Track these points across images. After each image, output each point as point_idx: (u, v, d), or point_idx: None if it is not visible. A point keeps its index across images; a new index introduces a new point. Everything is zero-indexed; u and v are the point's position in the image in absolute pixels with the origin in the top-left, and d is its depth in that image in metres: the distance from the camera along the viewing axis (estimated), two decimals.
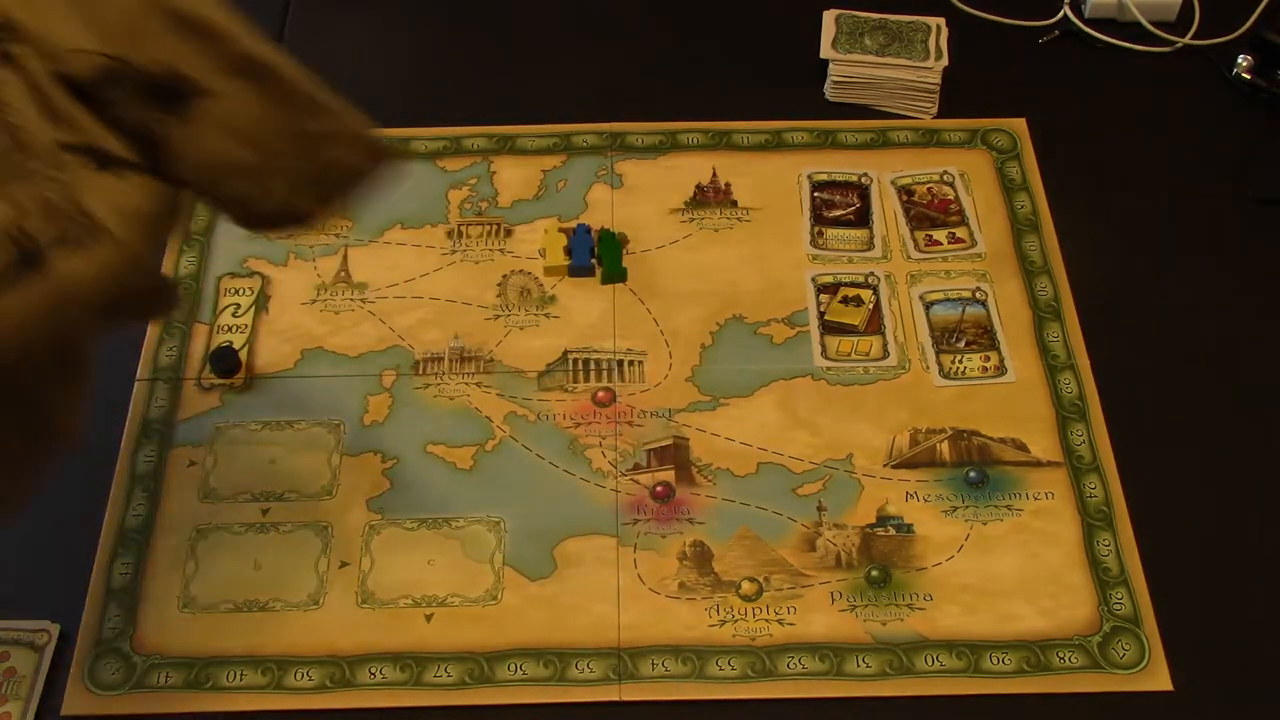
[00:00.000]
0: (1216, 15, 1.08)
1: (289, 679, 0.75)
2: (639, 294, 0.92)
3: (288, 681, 0.75)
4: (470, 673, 0.75)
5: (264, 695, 0.74)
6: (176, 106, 0.42)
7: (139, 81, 0.40)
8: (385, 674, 0.75)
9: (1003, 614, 0.77)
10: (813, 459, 0.84)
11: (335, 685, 0.74)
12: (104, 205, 0.38)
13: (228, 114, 0.42)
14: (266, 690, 0.74)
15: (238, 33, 0.44)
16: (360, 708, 0.74)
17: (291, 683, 0.75)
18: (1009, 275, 0.93)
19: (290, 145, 0.45)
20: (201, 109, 0.41)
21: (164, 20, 0.40)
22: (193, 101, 0.42)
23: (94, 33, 0.38)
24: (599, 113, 1.03)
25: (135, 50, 0.40)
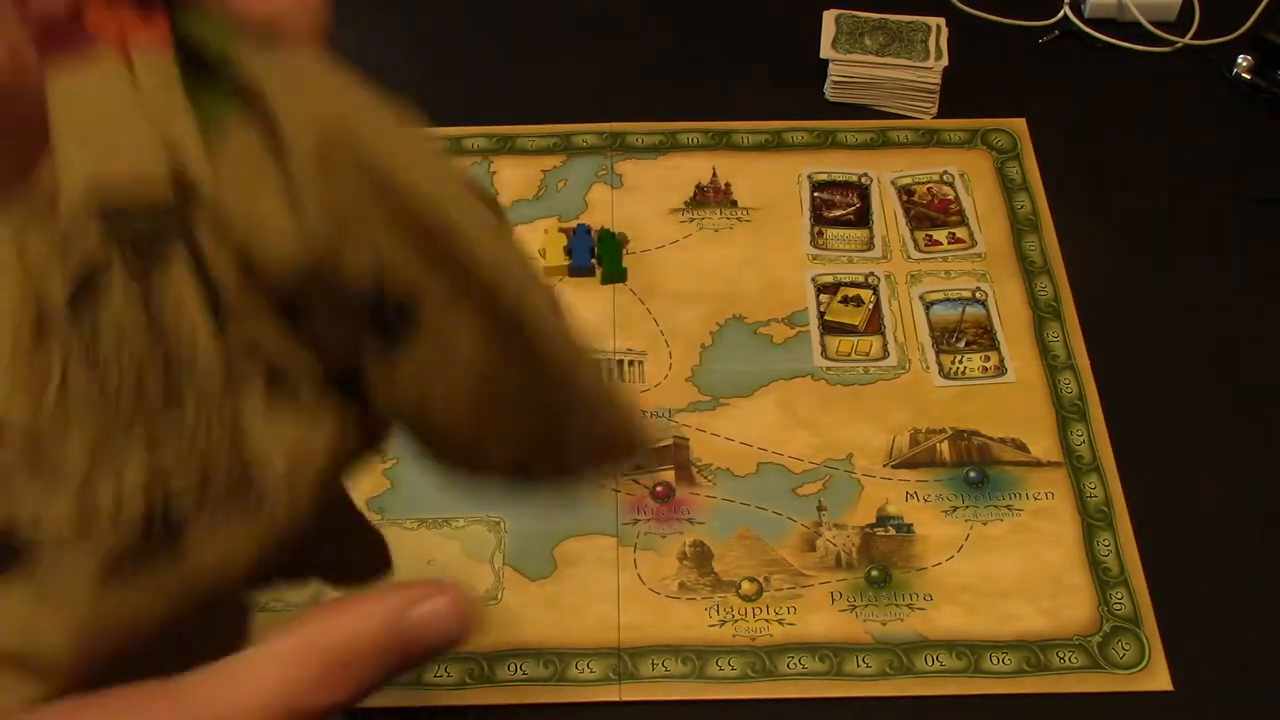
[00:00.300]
0: (1216, 15, 1.08)
1: None
2: (639, 294, 0.92)
3: None
4: (470, 673, 0.75)
5: None
6: (384, 332, 0.31)
7: (345, 292, 0.30)
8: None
9: (1003, 614, 0.77)
10: (813, 459, 0.84)
11: None
12: (276, 451, 0.29)
13: (446, 358, 0.31)
14: None
15: (485, 254, 0.31)
16: (361, 708, 0.74)
17: None
18: (1009, 275, 0.93)
19: (521, 410, 0.32)
20: (414, 344, 0.30)
21: (392, 215, 0.30)
22: (404, 331, 0.31)
23: (297, 214, 0.29)
24: (599, 113, 1.03)
25: (347, 248, 0.30)
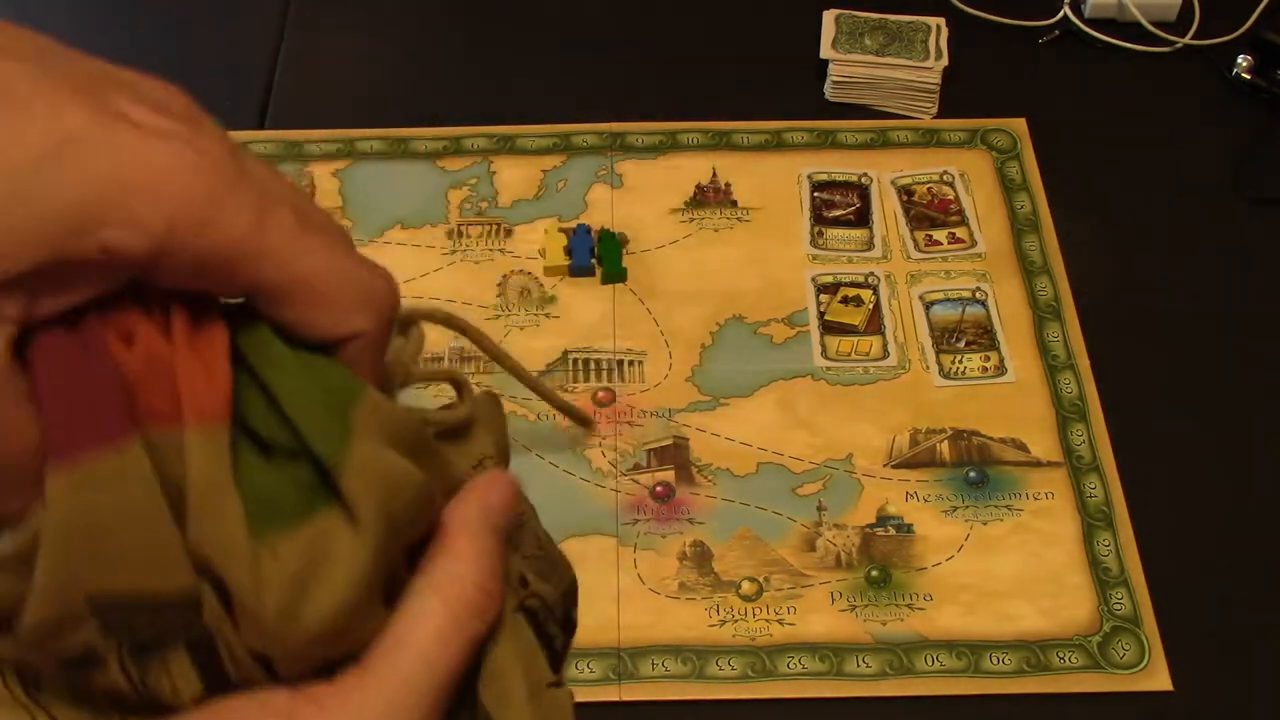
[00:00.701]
0: (1216, 15, 1.08)
1: None
2: (639, 294, 0.92)
3: None
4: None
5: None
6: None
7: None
8: None
9: (1003, 614, 0.77)
10: (813, 459, 0.84)
11: None
12: None
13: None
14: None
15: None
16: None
17: None
18: (1009, 275, 0.93)
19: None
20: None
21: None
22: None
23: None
24: (599, 113, 1.03)
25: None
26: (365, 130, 1.02)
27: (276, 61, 1.08)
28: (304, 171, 0.99)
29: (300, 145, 1.01)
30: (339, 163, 1.00)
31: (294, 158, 1.00)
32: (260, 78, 1.07)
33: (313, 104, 1.05)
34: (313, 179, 0.99)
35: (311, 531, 0.27)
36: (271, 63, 1.08)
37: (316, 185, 0.99)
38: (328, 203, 0.98)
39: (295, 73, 1.07)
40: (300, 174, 0.99)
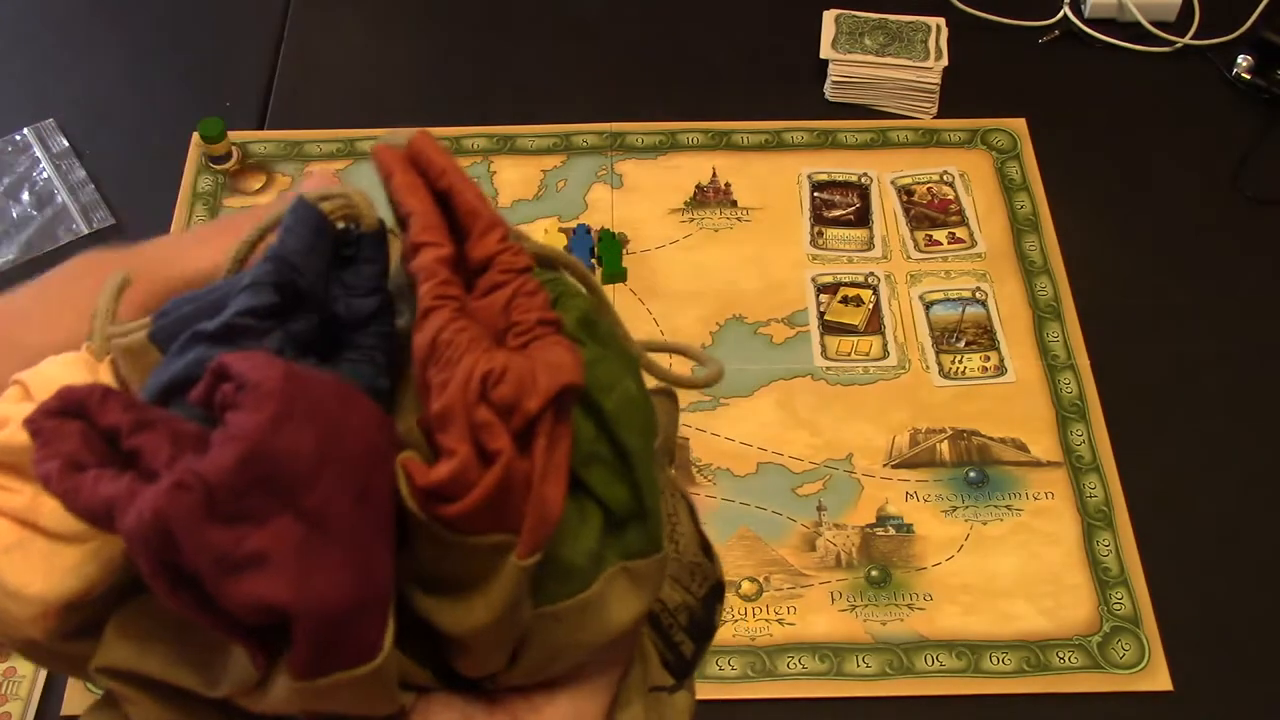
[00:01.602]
0: (1216, 15, 1.08)
1: None
2: (639, 294, 0.92)
3: None
4: None
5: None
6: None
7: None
8: None
9: (1002, 614, 0.77)
10: (813, 459, 0.84)
11: None
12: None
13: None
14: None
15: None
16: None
17: None
18: (1009, 275, 0.93)
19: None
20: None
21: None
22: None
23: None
24: (599, 113, 1.03)
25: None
26: (365, 130, 1.02)
27: (276, 61, 1.08)
28: (304, 171, 0.99)
29: (300, 145, 1.01)
30: (339, 163, 1.00)
31: (294, 158, 1.00)
32: (260, 78, 1.07)
33: (313, 104, 1.05)
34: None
35: (592, 592, 0.28)
36: (271, 63, 1.08)
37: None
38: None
39: (295, 73, 1.07)
40: (300, 174, 0.99)
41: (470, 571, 0.26)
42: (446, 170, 0.28)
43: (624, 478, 0.28)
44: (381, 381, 0.28)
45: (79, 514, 0.23)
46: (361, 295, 0.29)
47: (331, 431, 0.24)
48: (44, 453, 0.24)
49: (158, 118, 1.04)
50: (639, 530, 0.29)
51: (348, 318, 0.28)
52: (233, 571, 0.23)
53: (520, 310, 0.27)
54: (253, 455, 0.23)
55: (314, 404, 0.24)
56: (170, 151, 1.00)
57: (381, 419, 0.26)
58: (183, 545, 0.22)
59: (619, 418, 0.28)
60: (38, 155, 1.00)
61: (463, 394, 0.25)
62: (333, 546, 0.24)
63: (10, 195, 0.98)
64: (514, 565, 0.26)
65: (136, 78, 1.08)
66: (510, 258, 0.27)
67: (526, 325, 0.26)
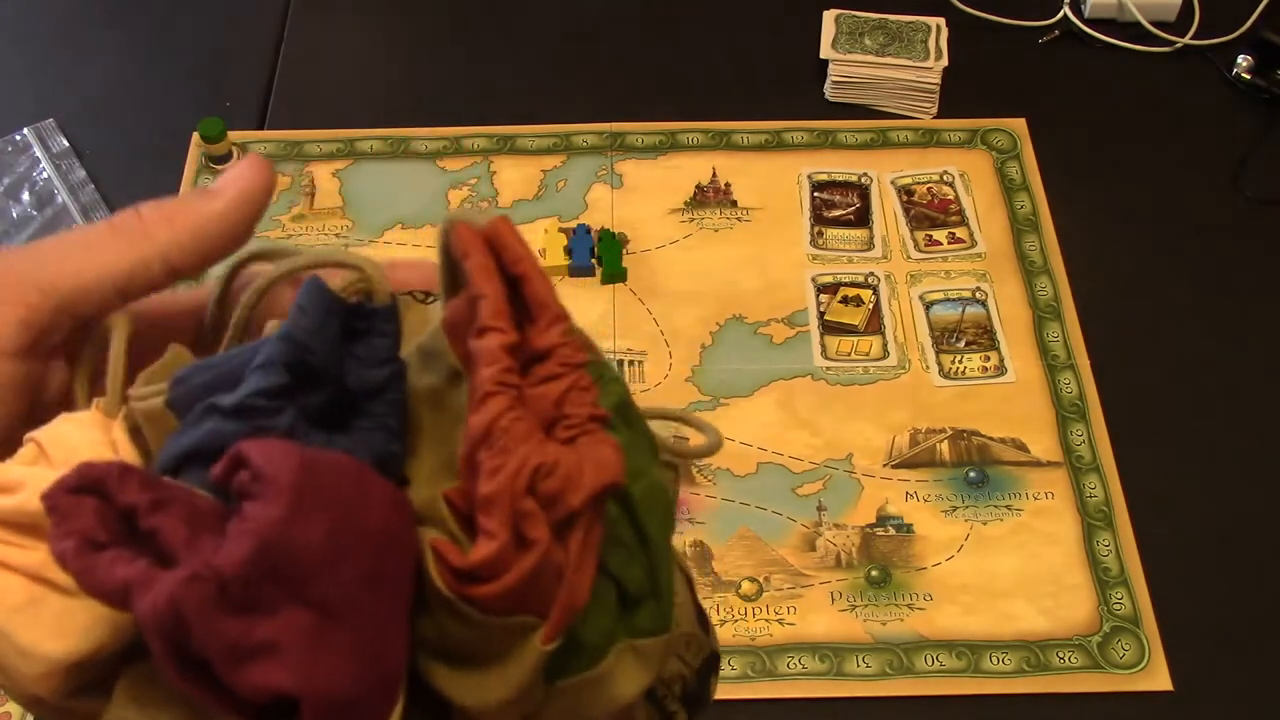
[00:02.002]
0: (1216, 15, 1.08)
1: None
2: (639, 294, 0.92)
3: None
4: None
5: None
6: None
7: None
8: None
9: (1002, 614, 0.77)
10: (813, 459, 0.84)
11: None
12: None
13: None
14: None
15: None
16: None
17: None
18: (1009, 275, 0.93)
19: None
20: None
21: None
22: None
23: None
24: (599, 113, 1.03)
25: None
26: (365, 130, 1.02)
27: (276, 61, 1.08)
28: (304, 171, 0.99)
29: (300, 145, 1.01)
30: (339, 163, 1.00)
31: (294, 158, 1.00)
32: (260, 78, 1.07)
33: (313, 104, 1.05)
34: (313, 179, 0.99)
35: (602, 669, 0.29)
36: (271, 63, 1.08)
37: (317, 185, 0.99)
38: (328, 203, 0.98)
39: (295, 73, 1.07)
40: (300, 174, 0.99)
41: (491, 649, 0.27)
42: (522, 259, 0.29)
43: (641, 561, 0.29)
44: (394, 447, 0.29)
45: (93, 593, 0.24)
46: (374, 366, 0.29)
47: (345, 519, 0.25)
48: (60, 530, 0.24)
49: (158, 118, 1.04)
50: (651, 610, 0.30)
51: (360, 389, 0.29)
52: (243, 659, 0.24)
53: (573, 404, 0.28)
54: (266, 549, 0.23)
55: (328, 493, 0.25)
56: (170, 151, 1.00)
57: (397, 498, 0.27)
58: (195, 633, 0.23)
59: (644, 505, 0.29)
60: (38, 155, 1.00)
61: (512, 483, 0.26)
62: (342, 632, 0.25)
63: (10, 195, 0.99)
64: (536, 648, 0.27)
65: (136, 78, 1.08)
66: (570, 352, 0.28)
67: (578, 420, 0.28)
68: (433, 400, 0.29)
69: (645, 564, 0.29)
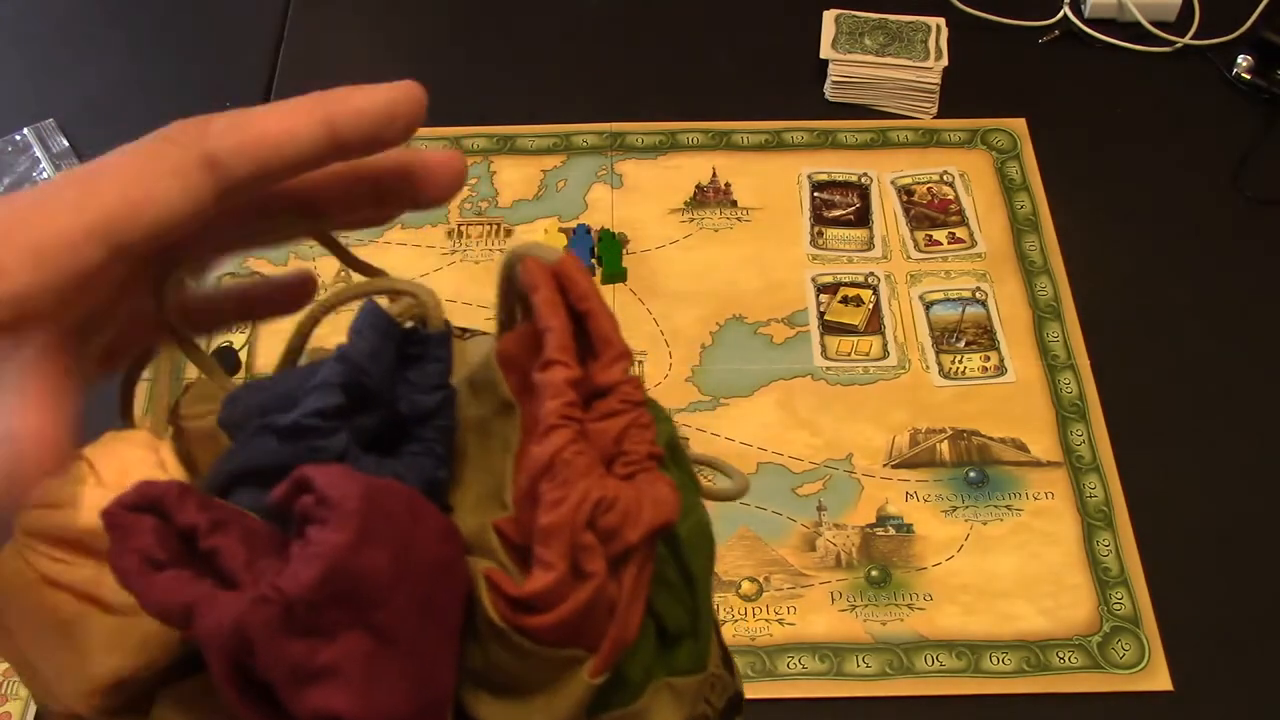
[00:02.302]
0: (1216, 15, 1.08)
1: None
2: (639, 294, 0.92)
3: None
4: None
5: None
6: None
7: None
8: None
9: (1002, 614, 0.77)
10: (813, 459, 0.84)
11: None
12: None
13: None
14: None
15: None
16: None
17: None
18: (1009, 275, 0.93)
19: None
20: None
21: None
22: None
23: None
24: (599, 113, 1.03)
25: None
26: None
27: (276, 61, 1.08)
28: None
29: None
30: None
31: None
32: (260, 77, 1.07)
33: None
34: None
35: (640, 705, 0.29)
36: (271, 63, 1.08)
37: None
38: None
39: (295, 73, 1.07)
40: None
41: (539, 680, 0.27)
42: (588, 295, 0.29)
43: (684, 601, 0.30)
44: (441, 474, 0.29)
45: (154, 612, 0.24)
46: (425, 392, 0.30)
47: (404, 548, 0.25)
48: (120, 547, 0.25)
49: (158, 118, 1.03)
50: (690, 650, 0.30)
51: (411, 413, 0.29)
52: (304, 682, 0.24)
53: (633, 441, 0.28)
54: (333, 573, 0.24)
55: (389, 522, 0.25)
56: None
57: (449, 529, 0.27)
58: (259, 654, 0.24)
59: (690, 544, 0.30)
60: (38, 155, 1.00)
61: (573, 516, 0.26)
62: (398, 659, 0.25)
63: None
64: (584, 682, 0.27)
65: (136, 78, 1.08)
66: (631, 390, 0.29)
67: (637, 457, 0.28)
68: (480, 430, 0.30)
69: (689, 603, 0.30)
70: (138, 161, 0.29)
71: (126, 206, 0.28)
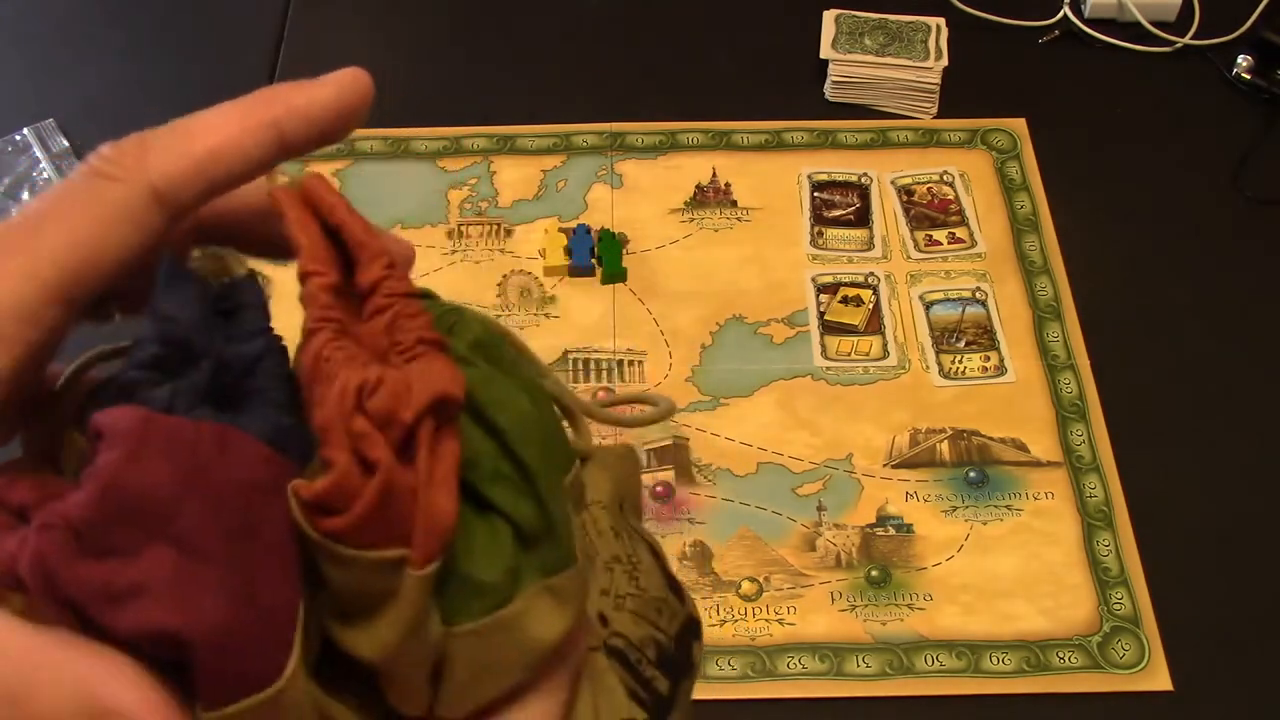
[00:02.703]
0: (1216, 15, 1.08)
1: None
2: (639, 294, 0.92)
3: None
4: None
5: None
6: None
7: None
8: None
9: (1002, 614, 0.77)
10: (813, 459, 0.84)
11: None
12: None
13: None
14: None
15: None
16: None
17: None
18: (1009, 275, 0.93)
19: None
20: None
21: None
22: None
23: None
24: (599, 113, 1.03)
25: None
26: (365, 130, 1.02)
27: (276, 61, 1.08)
28: (304, 171, 0.99)
29: None
30: (339, 163, 1.00)
31: None
32: (260, 78, 1.07)
33: None
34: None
35: (512, 610, 0.28)
36: (271, 63, 1.08)
37: None
38: None
39: (295, 73, 1.07)
40: (301, 174, 0.99)
41: (372, 591, 0.27)
42: (336, 207, 0.29)
43: (528, 494, 0.29)
44: (285, 420, 0.28)
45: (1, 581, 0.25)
46: (245, 340, 0.29)
47: (196, 466, 0.25)
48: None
49: (158, 118, 1.03)
50: (551, 546, 0.29)
51: (238, 365, 0.29)
52: (114, 602, 0.24)
53: (401, 331, 0.28)
54: (109, 489, 0.24)
55: (173, 442, 0.25)
56: None
57: (267, 455, 0.27)
58: (63, 583, 0.24)
59: (515, 434, 0.29)
60: (38, 155, 1.00)
61: (339, 405, 0.26)
62: (209, 571, 0.25)
63: (10, 195, 0.99)
64: (412, 577, 0.26)
65: (136, 78, 1.08)
66: (392, 284, 0.29)
67: (407, 344, 0.28)
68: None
69: (533, 496, 0.29)
70: (80, 208, 0.27)
71: (80, 262, 0.26)
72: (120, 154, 0.28)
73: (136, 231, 0.27)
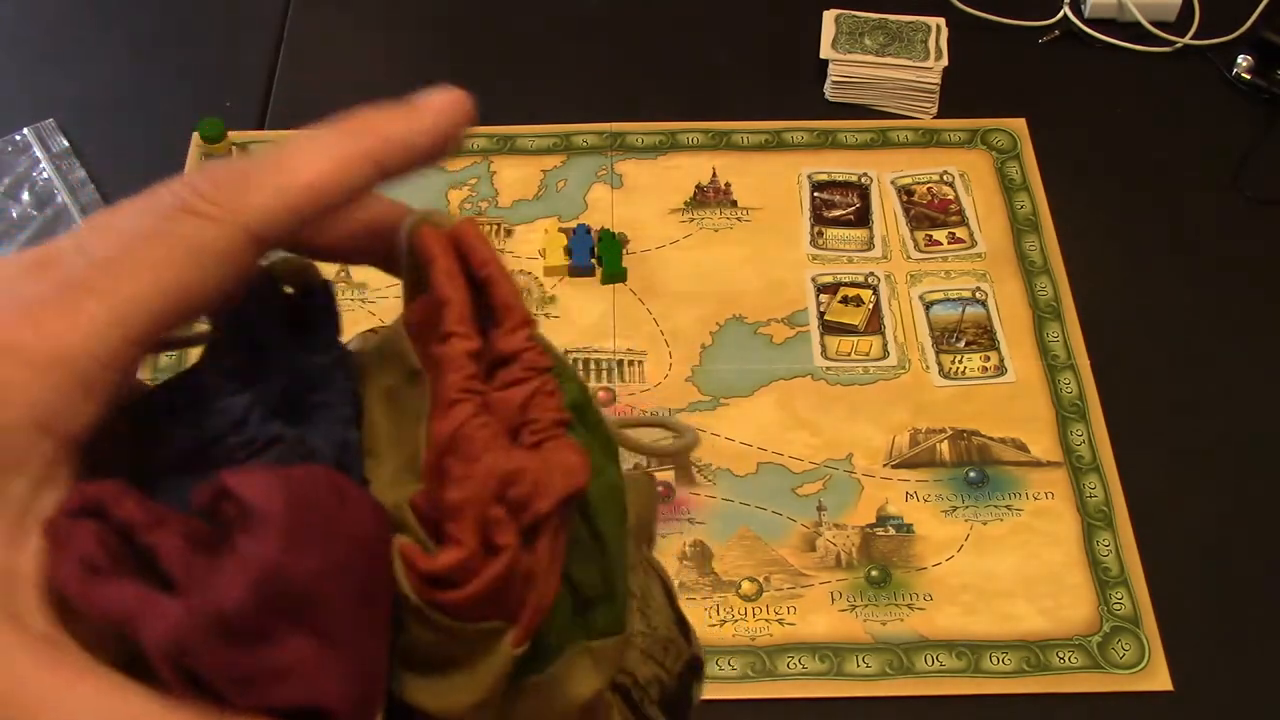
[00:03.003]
0: (1216, 15, 1.08)
1: None
2: (639, 294, 0.92)
3: None
4: None
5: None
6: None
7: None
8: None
9: (1003, 614, 0.77)
10: (813, 459, 0.84)
11: None
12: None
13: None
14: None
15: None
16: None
17: None
18: (1009, 275, 0.93)
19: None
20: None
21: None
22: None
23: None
24: (599, 113, 1.03)
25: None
26: None
27: (276, 61, 1.08)
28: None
29: None
30: None
31: None
32: (260, 78, 1.07)
33: (313, 104, 1.04)
34: None
35: (556, 670, 0.29)
36: (271, 63, 1.08)
37: None
38: None
39: (295, 73, 1.07)
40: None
41: (459, 655, 0.27)
42: (488, 261, 0.29)
43: (596, 561, 0.29)
44: (351, 434, 0.29)
45: (97, 620, 0.24)
46: (319, 352, 0.29)
47: (334, 540, 0.25)
48: (59, 556, 0.24)
49: (158, 118, 1.04)
50: (606, 611, 0.30)
51: (309, 377, 0.29)
52: (251, 684, 0.24)
53: (538, 409, 0.28)
54: (264, 584, 0.24)
55: (316, 518, 0.24)
56: (170, 152, 1.00)
57: (374, 507, 0.27)
58: (203, 665, 0.23)
59: (599, 505, 0.29)
60: (38, 155, 1.00)
61: (480, 491, 0.26)
62: (345, 650, 0.25)
63: (10, 195, 0.99)
64: (506, 652, 0.27)
65: (136, 78, 1.08)
66: (535, 356, 0.28)
67: (543, 425, 0.28)
68: (391, 400, 0.29)
69: (600, 565, 0.29)
70: (169, 249, 0.25)
71: (170, 307, 0.25)
72: (216, 190, 0.26)
73: (232, 274, 0.26)
